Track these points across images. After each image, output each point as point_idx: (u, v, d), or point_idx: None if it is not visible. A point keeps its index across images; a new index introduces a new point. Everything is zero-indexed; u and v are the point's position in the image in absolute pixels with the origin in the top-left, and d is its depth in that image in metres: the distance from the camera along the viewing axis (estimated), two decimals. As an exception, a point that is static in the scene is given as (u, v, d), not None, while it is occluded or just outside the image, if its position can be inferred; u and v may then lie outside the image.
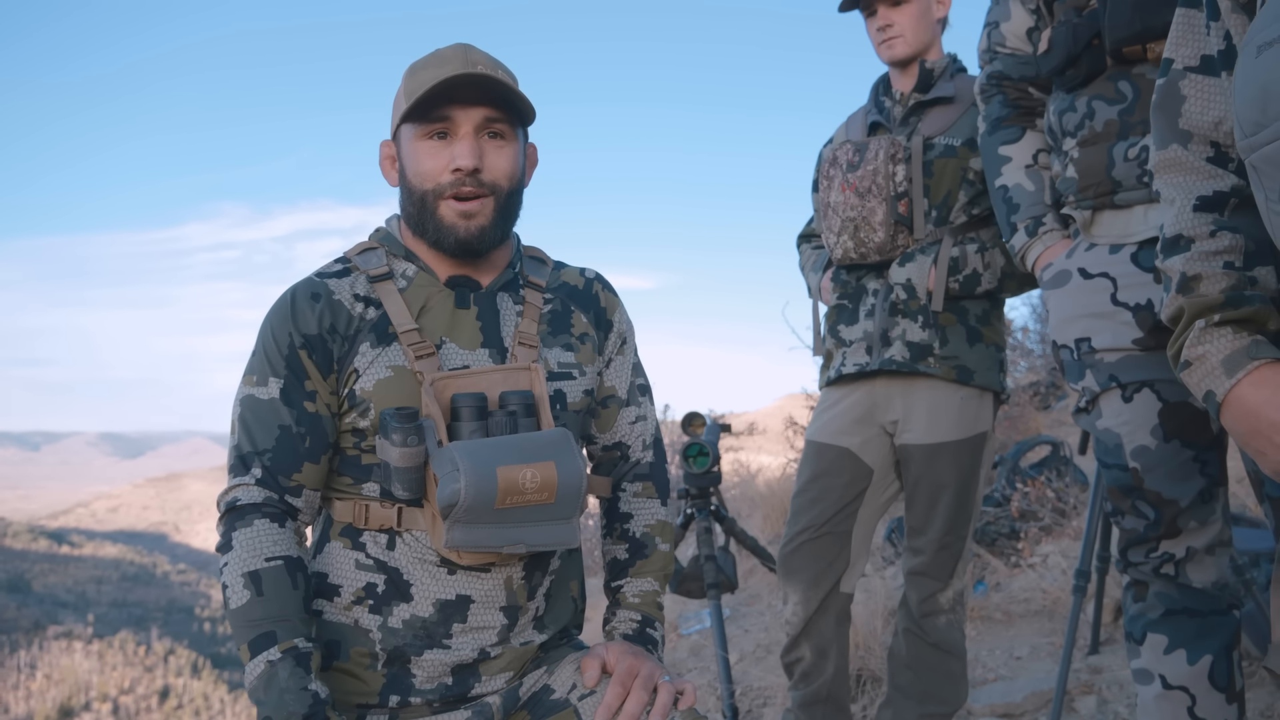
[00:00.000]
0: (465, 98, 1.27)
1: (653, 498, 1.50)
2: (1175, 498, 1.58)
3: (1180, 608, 1.60)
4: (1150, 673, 1.61)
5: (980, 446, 2.17)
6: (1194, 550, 1.60)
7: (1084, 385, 1.69)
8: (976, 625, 3.25)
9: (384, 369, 1.28)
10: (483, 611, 1.29)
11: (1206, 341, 1.12)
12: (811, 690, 2.26)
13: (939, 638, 2.23)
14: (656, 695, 1.26)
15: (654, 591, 1.45)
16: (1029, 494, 3.66)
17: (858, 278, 2.24)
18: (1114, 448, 1.64)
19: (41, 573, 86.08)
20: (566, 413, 1.36)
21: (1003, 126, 1.89)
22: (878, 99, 2.30)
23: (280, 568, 1.22)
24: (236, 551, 1.23)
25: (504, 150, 1.31)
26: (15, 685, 65.35)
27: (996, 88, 1.90)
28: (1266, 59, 0.95)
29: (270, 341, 1.30)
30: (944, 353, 2.12)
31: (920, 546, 2.22)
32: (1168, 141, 1.22)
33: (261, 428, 1.27)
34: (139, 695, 63.75)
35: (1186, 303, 1.14)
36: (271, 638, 1.19)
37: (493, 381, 1.28)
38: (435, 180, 1.29)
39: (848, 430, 2.22)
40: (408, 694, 1.28)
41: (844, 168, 2.17)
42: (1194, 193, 1.18)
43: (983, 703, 2.66)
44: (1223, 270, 1.13)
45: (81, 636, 72.25)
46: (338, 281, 1.33)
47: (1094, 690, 2.64)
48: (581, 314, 1.43)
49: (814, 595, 2.21)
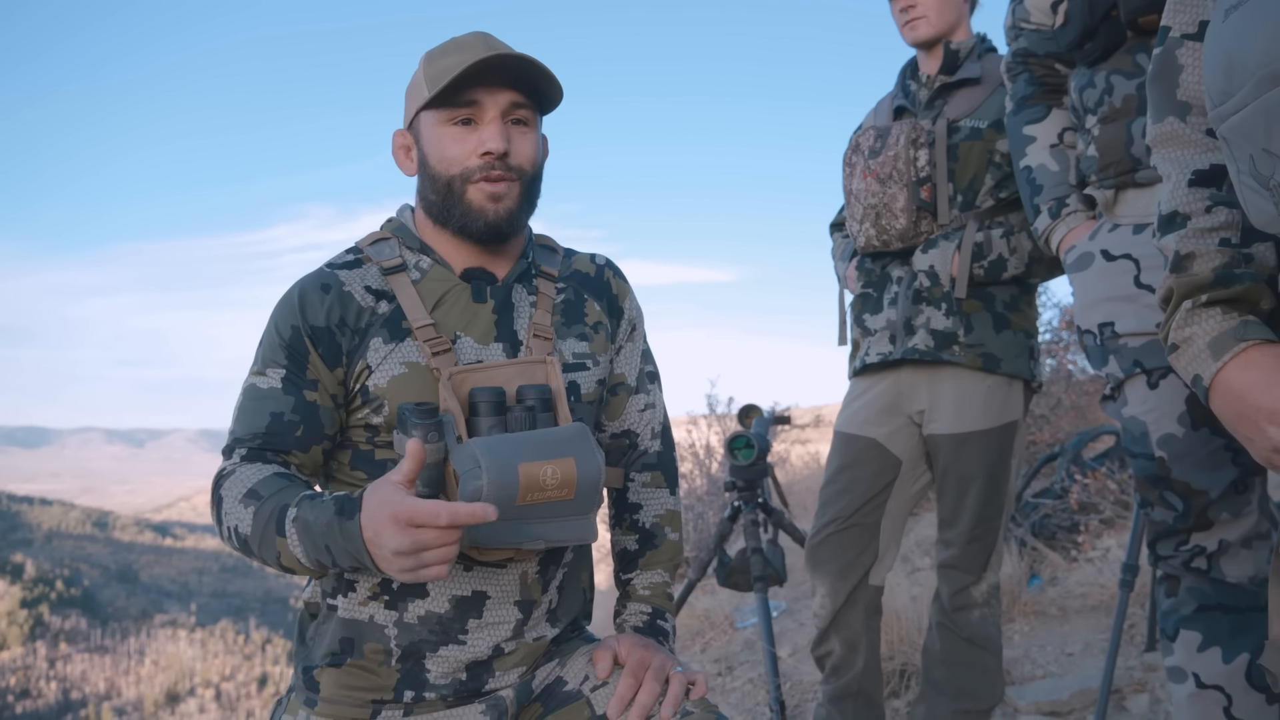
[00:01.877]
0: (492, 81, 1.26)
1: (661, 487, 1.49)
2: (1205, 488, 1.50)
3: (1214, 603, 1.52)
4: (1184, 671, 1.53)
5: (1010, 436, 2.11)
6: (1227, 543, 1.51)
7: (1108, 372, 1.63)
8: (1030, 621, 3.16)
9: (398, 365, 1.26)
10: (498, 607, 1.29)
11: (1194, 323, 1.07)
12: (842, 684, 2.23)
13: (972, 632, 2.18)
14: (668, 686, 1.26)
15: (664, 583, 1.44)
16: (1089, 486, 3.54)
17: (882, 265, 2.20)
18: (1140, 436, 1.57)
19: (148, 564, 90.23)
20: (581, 404, 1.35)
21: (1028, 105, 1.82)
22: (904, 82, 2.25)
23: (272, 475, 1.19)
24: (227, 493, 1.19)
25: (528, 136, 1.31)
26: (126, 670, 68.64)
27: (1022, 65, 1.84)
28: (1233, 22, 0.91)
29: (274, 333, 1.28)
30: (969, 340, 2.07)
31: (951, 539, 2.17)
32: (1164, 114, 1.16)
33: (255, 414, 1.25)
34: (239, 682, 66.34)
35: (1176, 282, 1.09)
36: (284, 511, 1.14)
37: (509, 375, 1.27)
38: (463, 165, 1.28)
39: (874, 420, 2.18)
40: (422, 689, 1.28)
41: (865, 154, 2.14)
42: (1190, 166, 1.12)
43: (1029, 700, 2.58)
44: (1217, 247, 1.07)
45: (185, 625, 75.56)
46: (349, 273, 1.30)
47: (1147, 688, 2.54)
48: (595, 302, 1.42)
49: (841, 587, 2.18)
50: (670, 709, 1.24)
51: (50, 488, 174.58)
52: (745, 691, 3.37)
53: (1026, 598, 3.25)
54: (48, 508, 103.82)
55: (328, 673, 1.28)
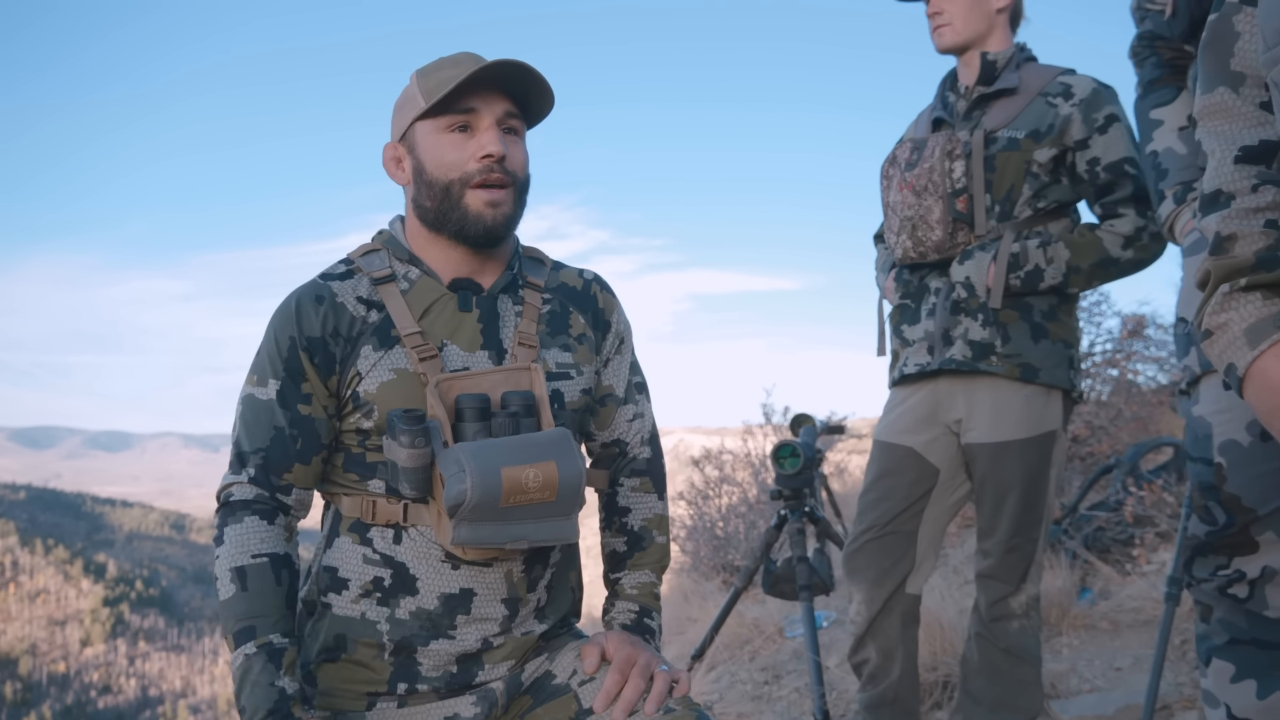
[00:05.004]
0: (487, 90, 1.33)
1: (650, 492, 1.54)
2: (1254, 505, 1.38)
3: (1248, 638, 1.41)
4: (1216, 699, 1.47)
5: (1048, 446, 2.11)
6: (1272, 570, 1.39)
7: (1186, 364, 1.56)
8: (1079, 635, 3.12)
9: (387, 371, 1.31)
10: (485, 604, 1.33)
11: (1230, 308, 1.00)
12: (878, 692, 2.24)
13: (1010, 643, 2.18)
14: (653, 683, 1.31)
15: (651, 583, 1.49)
16: (1144, 499, 3.48)
17: (920, 277, 2.21)
18: (1203, 438, 1.46)
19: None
20: (565, 412, 1.39)
21: (1156, 88, 1.75)
22: (943, 94, 2.26)
23: (265, 565, 1.28)
24: (226, 546, 1.29)
25: (519, 145, 1.37)
26: (201, 670, 70.54)
27: (1149, 48, 1.76)
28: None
29: (272, 344, 1.33)
30: (1006, 350, 2.07)
31: (989, 549, 2.17)
32: (1215, 84, 1.09)
33: (258, 427, 1.32)
34: (307, 683, 67.50)
35: (1213, 265, 1.02)
36: (251, 632, 1.25)
37: (494, 382, 1.31)
38: (461, 169, 1.32)
39: (912, 429, 2.19)
40: (415, 681, 1.33)
41: (902, 166, 2.16)
42: (1237, 142, 1.06)
43: (1072, 714, 2.55)
44: (1262, 229, 1.00)
45: (257, 626, 77.01)
46: (341, 284, 1.36)
47: (1196, 705, 2.49)
48: (579, 315, 1.46)
49: (878, 595, 2.20)
50: (654, 705, 1.28)
51: (131, 490, 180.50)
52: (791, 700, 3.37)
53: (1077, 611, 3.21)
54: (128, 510, 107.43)
55: (324, 668, 1.34)
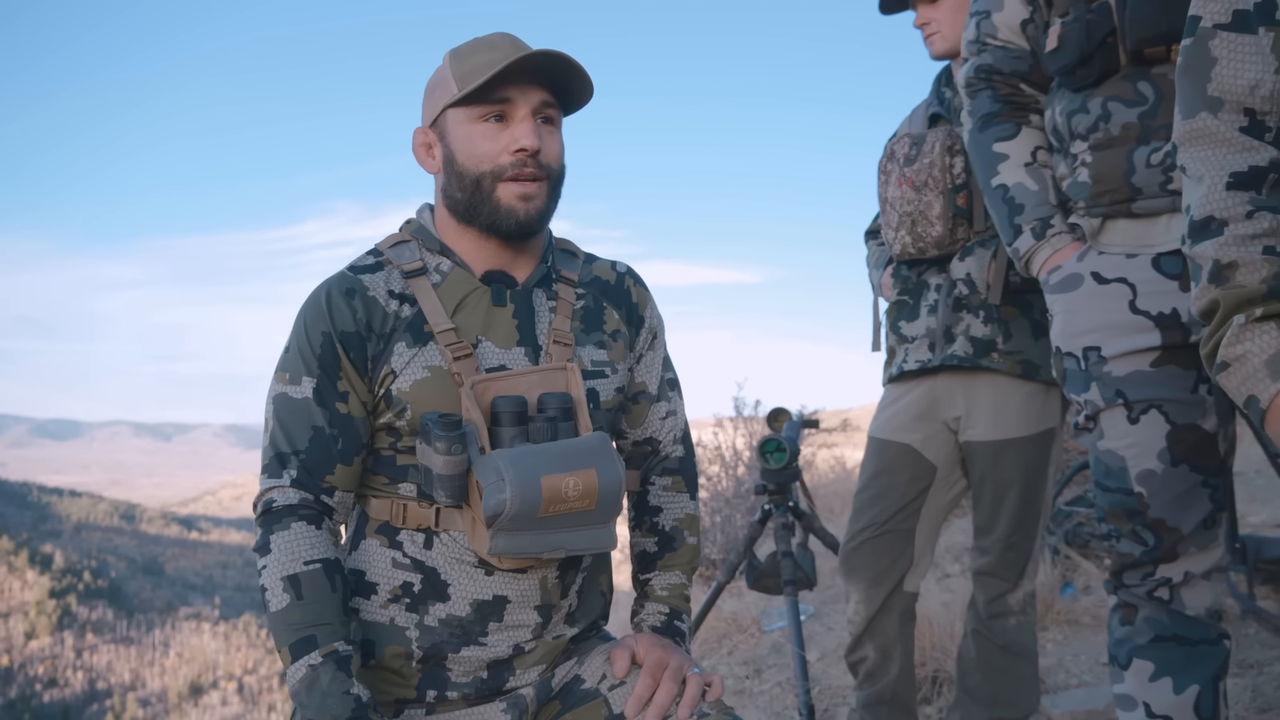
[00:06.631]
0: (524, 80, 1.27)
1: (682, 491, 1.50)
2: (1178, 525, 1.51)
3: (1170, 635, 1.55)
4: (1134, 699, 1.56)
5: (1048, 443, 2.10)
6: (1191, 575, 1.54)
7: (1087, 399, 1.59)
8: (1063, 629, 3.14)
9: (421, 369, 1.26)
10: (518, 611, 1.29)
11: (1247, 339, 1.02)
12: (876, 690, 2.23)
13: (1007, 639, 2.18)
14: (685, 687, 1.27)
15: (682, 584, 1.45)
16: (1122, 494, 3.50)
17: (919, 273, 2.19)
18: (1118, 470, 1.55)
19: (173, 556, 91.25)
20: (600, 411, 1.35)
21: (996, 122, 1.75)
22: (939, 90, 2.25)
23: (319, 570, 1.22)
24: (275, 554, 1.22)
25: (555, 136, 1.31)
26: (151, 662, 69.42)
27: (985, 82, 1.76)
28: None
29: (304, 339, 1.27)
30: (1008, 348, 2.06)
31: (987, 546, 2.17)
32: (1195, 110, 1.10)
33: (296, 428, 1.26)
34: (261, 676, 66.90)
35: (1222, 295, 1.04)
36: (312, 642, 1.19)
37: (531, 383, 1.27)
38: (494, 162, 1.27)
39: (909, 426, 2.18)
40: (444, 689, 1.29)
41: (901, 161, 2.13)
42: (1226, 169, 1.07)
43: (1062, 709, 2.57)
44: (1262, 256, 1.02)
45: (209, 618, 76.29)
46: (371, 277, 1.30)
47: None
48: (614, 310, 1.42)
49: (876, 594, 2.18)
50: (687, 710, 1.25)
51: (79, 480, 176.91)
52: (774, 695, 3.36)
53: (1060, 606, 3.23)
54: (76, 499, 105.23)
55: None
